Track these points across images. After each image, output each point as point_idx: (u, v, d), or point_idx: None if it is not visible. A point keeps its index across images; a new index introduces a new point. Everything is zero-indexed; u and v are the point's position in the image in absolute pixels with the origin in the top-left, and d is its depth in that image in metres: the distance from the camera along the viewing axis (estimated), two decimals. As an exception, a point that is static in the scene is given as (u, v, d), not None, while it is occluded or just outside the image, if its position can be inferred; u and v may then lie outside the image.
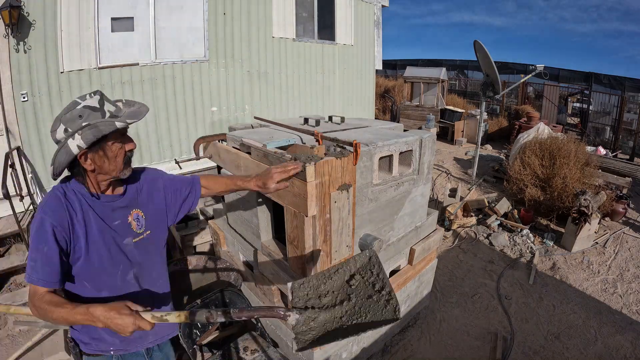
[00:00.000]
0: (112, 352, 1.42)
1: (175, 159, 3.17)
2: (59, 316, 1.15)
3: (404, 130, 2.90)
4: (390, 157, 2.35)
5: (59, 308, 1.15)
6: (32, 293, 1.21)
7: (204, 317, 1.14)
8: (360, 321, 1.14)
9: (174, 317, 1.14)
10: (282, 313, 1.14)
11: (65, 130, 1.17)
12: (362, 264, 1.30)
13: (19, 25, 3.21)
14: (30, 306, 1.21)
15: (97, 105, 1.19)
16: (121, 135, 1.26)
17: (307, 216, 1.85)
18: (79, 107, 1.18)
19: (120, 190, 1.38)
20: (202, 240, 4.05)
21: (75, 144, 1.15)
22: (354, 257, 1.32)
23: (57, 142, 1.20)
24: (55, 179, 1.24)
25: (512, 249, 4.40)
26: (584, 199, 4.14)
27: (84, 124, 1.16)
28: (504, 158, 7.20)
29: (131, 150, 1.31)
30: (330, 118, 3.15)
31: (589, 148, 6.86)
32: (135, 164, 1.37)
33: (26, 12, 3.25)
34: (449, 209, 4.94)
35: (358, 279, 1.27)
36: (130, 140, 1.30)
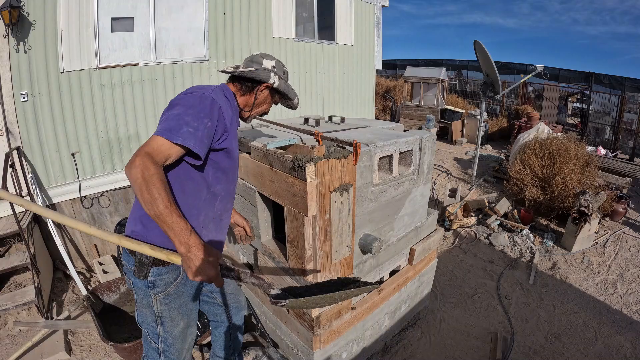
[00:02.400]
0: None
1: (175, 159, 3.16)
2: (158, 199, 1.06)
3: (404, 130, 2.90)
4: (390, 157, 2.35)
5: (167, 200, 1.09)
6: (156, 152, 1.12)
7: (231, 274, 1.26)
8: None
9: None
10: (271, 293, 1.26)
11: (274, 67, 1.54)
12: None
13: (19, 25, 3.22)
14: (137, 164, 1.06)
15: (286, 77, 1.61)
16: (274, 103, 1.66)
17: (307, 216, 1.85)
18: (284, 68, 1.60)
19: None
20: (202, 240, 4.05)
21: (275, 79, 1.52)
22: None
23: (259, 64, 1.51)
24: (238, 74, 1.50)
25: (512, 249, 4.40)
26: (584, 199, 4.14)
27: (283, 77, 1.58)
28: (504, 158, 7.20)
29: (265, 113, 1.68)
30: (330, 118, 3.15)
31: (589, 148, 6.86)
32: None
33: (26, 12, 3.25)
34: (449, 209, 4.94)
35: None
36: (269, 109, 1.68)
